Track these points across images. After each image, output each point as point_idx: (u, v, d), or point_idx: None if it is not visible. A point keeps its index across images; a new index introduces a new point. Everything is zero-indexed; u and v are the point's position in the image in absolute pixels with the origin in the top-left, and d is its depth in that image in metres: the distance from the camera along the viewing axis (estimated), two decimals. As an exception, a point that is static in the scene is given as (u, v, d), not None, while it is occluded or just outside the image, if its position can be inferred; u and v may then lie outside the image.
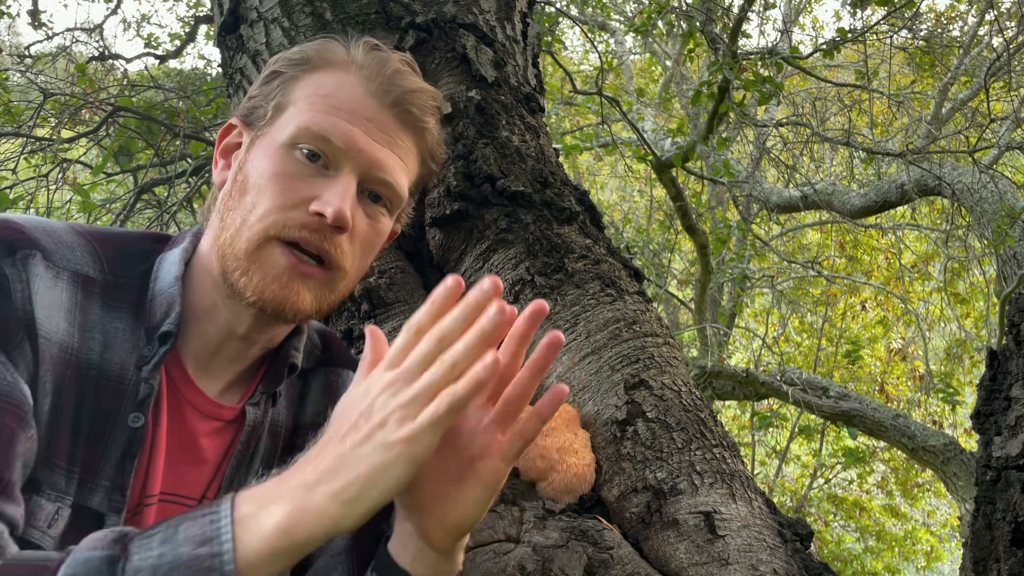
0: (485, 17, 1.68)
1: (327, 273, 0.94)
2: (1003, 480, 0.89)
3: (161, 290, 0.93)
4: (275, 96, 0.97)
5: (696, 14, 4.61)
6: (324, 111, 0.93)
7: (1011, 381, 0.94)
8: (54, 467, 0.84)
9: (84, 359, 0.87)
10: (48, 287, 0.85)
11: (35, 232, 0.86)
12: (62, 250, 0.88)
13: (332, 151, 0.92)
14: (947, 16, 7.70)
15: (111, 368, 0.88)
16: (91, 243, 0.92)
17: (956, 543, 9.16)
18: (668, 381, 1.23)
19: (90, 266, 0.90)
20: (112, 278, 0.91)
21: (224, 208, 0.95)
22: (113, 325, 0.90)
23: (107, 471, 0.87)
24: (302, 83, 0.96)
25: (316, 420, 1.09)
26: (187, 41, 5.97)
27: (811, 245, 9.03)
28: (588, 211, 1.50)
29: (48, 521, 0.83)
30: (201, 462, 0.98)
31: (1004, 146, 5.81)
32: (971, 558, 0.93)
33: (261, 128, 0.96)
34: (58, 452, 0.84)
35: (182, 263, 0.95)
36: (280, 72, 0.98)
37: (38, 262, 0.84)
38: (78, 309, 0.87)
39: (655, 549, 1.09)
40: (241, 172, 0.95)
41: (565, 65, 6.13)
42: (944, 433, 5.07)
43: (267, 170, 0.91)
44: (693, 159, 4.98)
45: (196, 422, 0.97)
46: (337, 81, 0.96)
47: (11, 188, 3.92)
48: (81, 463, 0.86)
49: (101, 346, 0.88)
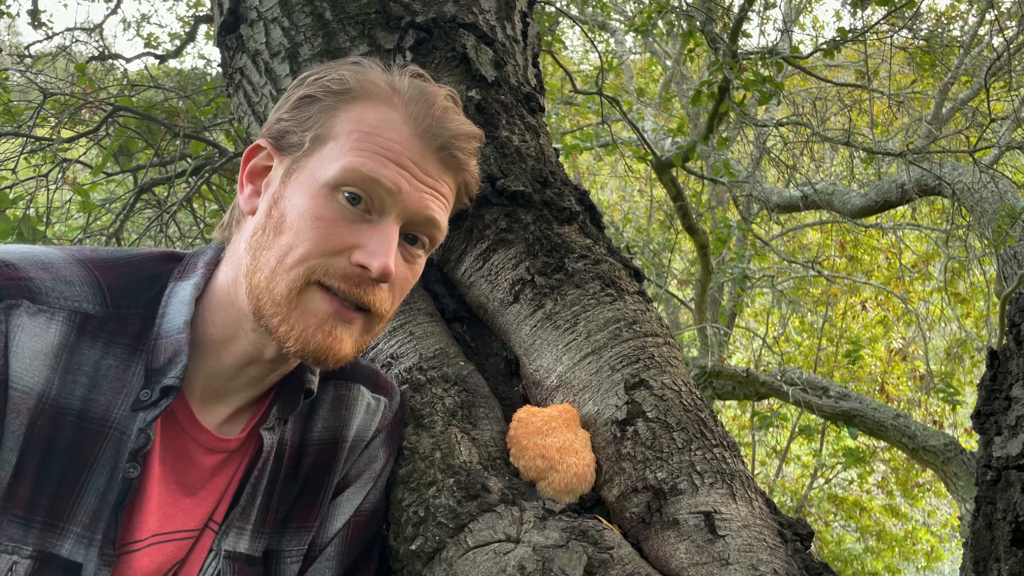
0: (485, 17, 1.68)
1: (367, 318, 0.94)
2: (1003, 480, 0.89)
3: (167, 332, 0.90)
4: (313, 126, 0.92)
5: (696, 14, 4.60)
6: (370, 151, 0.89)
7: (1011, 381, 0.94)
8: (12, 516, 0.82)
9: (63, 404, 0.84)
10: (36, 334, 0.83)
11: (30, 270, 0.84)
12: (59, 287, 0.86)
13: (378, 196, 0.89)
14: (947, 16, 7.70)
15: (94, 409, 0.86)
16: (93, 273, 0.89)
17: (956, 543, 9.17)
18: (668, 381, 1.23)
19: (89, 301, 0.87)
20: (115, 310, 0.89)
21: (256, 244, 0.91)
22: (105, 363, 0.87)
23: (80, 518, 0.85)
24: (343, 115, 0.92)
25: (324, 435, 1.08)
26: (187, 41, 5.96)
27: (811, 245, 9.03)
28: (588, 211, 1.50)
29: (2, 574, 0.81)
30: (206, 495, 0.97)
31: (1004, 146, 5.81)
32: (971, 558, 0.93)
33: (298, 159, 0.92)
34: (16, 501, 0.82)
35: (193, 303, 0.92)
36: (317, 98, 0.93)
37: (22, 312, 0.82)
38: (67, 351, 0.85)
39: (655, 549, 1.09)
40: (277, 208, 0.91)
41: (565, 65, 6.12)
42: (944, 433, 5.07)
43: (308, 211, 0.88)
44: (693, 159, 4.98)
45: (201, 458, 0.96)
46: (381, 117, 0.92)
47: (11, 188, 3.92)
48: (46, 511, 0.83)
49: (85, 388, 0.86)
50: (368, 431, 1.13)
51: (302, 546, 1.06)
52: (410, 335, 1.35)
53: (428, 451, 1.15)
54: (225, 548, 0.98)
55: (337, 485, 1.10)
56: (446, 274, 1.47)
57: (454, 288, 1.47)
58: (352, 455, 1.11)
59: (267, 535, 1.03)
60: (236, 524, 0.99)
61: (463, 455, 1.15)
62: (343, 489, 1.11)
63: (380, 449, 1.14)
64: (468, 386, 1.28)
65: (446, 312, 1.43)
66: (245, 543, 1.00)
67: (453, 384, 1.26)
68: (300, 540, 1.06)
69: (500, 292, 1.37)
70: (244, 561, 0.99)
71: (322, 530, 1.08)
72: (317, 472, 1.07)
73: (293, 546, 1.05)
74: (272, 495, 1.03)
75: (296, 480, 1.05)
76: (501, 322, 1.38)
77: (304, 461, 1.06)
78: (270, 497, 1.03)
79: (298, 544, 1.05)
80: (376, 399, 1.14)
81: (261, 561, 1.02)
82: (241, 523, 1.00)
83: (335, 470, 1.09)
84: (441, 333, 1.37)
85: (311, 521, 1.07)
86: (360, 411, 1.12)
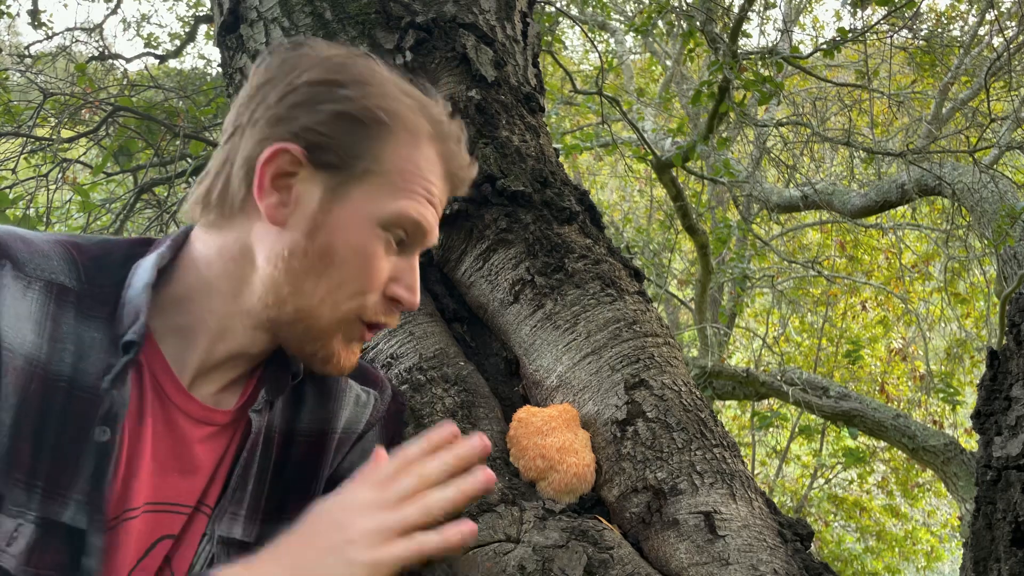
0: (485, 17, 1.68)
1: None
2: (1003, 480, 0.89)
3: (131, 298, 0.90)
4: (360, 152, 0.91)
5: (696, 14, 4.61)
6: (418, 195, 0.95)
7: (1011, 381, 0.94)
8: (15, 481, 0.82)
9: (53, 370, 0.84)
10: (16, 297, 0.83)
11: (8, 240, 0.85)
12: (36, 259, 0.86)
13: (417, 235, 0.96)
14: (947, 16, 7.71)
15: (84, 379, 0.86)
16: (69, 251, 0.90)
17: (956, 543, 9.17)
18: (668, 381, 1.23)
19: (65, 275, 0.88)
20: (88, 287, 0.89)
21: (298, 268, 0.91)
22: (89, 335, 0.87)
23: (80, 485, 0.85)
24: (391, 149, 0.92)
25: (312, 427, 1.09)
26: (187, 41, 5.97)
27: (811, 245, 9.04)
28: (588, 211, 1.50)
29: (7, 539, 0.81)
30: (195, 469, 0.97)
31: (1004, 146, 5.81)
32: (971, 558, 0.93)
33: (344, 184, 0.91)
34: (18, 465, 0.82)
35: (155, 269, 0.92)
36: (362, 122, 0.91)
37: (6, 272, 0.83)
38: (49, 319, 0.85)
39: (655, 549, 1.09)
40: (321, 234, 0.90)
41: (565, 65, 6.13)
42: (944, 433, 5.07)
43: (360, 248, 0.92)
44: (693, 159, 4.98)
45: (189, 429, 0.96)
46: (425, 156, 0.97)
47: (11, 188, 3.92)
48: (45, 476, 0.84)
49: (74, 356, 0.86)
50: (358, 423, 1.13)
51: None
52: (410, 335, 1.35)
53: (428, 451, 1.15)
54: (219, 533, 0.98)
55: (329, 478, 1.11)
56: (446, 274, 1.47)
57: (454, 288, 1.47)
58: (343, 447, 1.12)
59: (260, 523, 1.03)
60: (229, 509, 1.00)
61: (463, 455, 1.15)
62: (336, 482, 1.11)
63: (374, 443, 1.14)
64: (468, 386, 1.28)
65: (446, 312, 1.43)
66: (239, 529, 1.01)
67: (453, 384, 1.26)
68: None
69: (500, 292, 1.37)
70: (238, 547, 1.00)
71: None
72: (308, 463, 1.08)
73: None
74: (264, 482, 1.03)
75: (287, 469, 1.06)
76: (501, 322, 1.38)
77: (293, 451, 1.07)
78: (262, 484, 1.03)
79: None
80: (366, 391, 1.15)
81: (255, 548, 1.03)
82: (234, 508, 1.00)
83: (325, 461, 1.10)
84: (441, 333, 1.37)
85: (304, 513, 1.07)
86: (349, 402, 1.12)
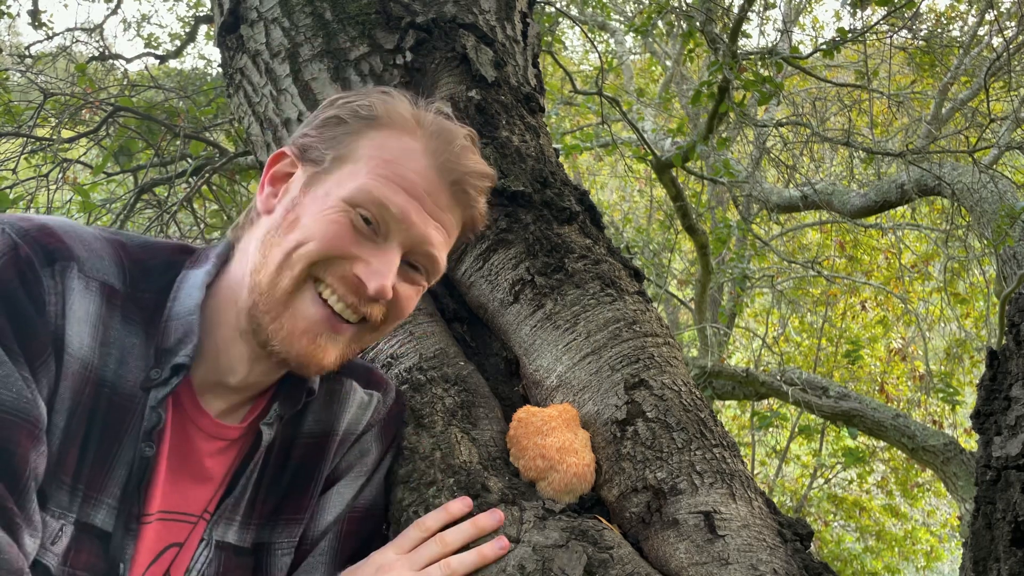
0: (485, 17, 1.68)
1: (358, 329, 0.98)
2: (1003, 480, 0.89)
3: (179, 314, 0.93)
4: (336, 145, 0.98)
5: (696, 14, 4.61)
6: (386, 178, 0.95)
7: (1011, 381, 0.94)
8: (61, 483, 0.84)
9: (100, 376, 0.87)
10: (80, 300, 0.85)
11: (70, 240, 0.87)
12: (93, 259, 0.88)
13: (386, 219, 0.94)
14: (947, 16, 7.70)
15: (124, 385, 0.89)
16: (117, 252, 0.92)
17: (956, 543, 9.16)
18: (668, 381, 1.23)
19: (115, 277, 0.90)
20: (132, 290, 0.92)
21: (268, 242, 0.95)
22: (130, 341, 0.90)
23: (112, 489, 0.88)
24: (366, 140, 0.98)
25: (314, 428, 1.10)
26: (187, 41, 5.97)
27: (811, 245, 9.03)
28: (588, 211, 1.50)
29: (52, 538, 0.84)
30: (205, 480, 0.99)
31: (1004, 146, 5.81)
32: (971, 558, 0.93)
33: (318, 173, 0.97)
34: (65, 468, 0.84)
35: (204, 288, 0.95)
36: (344, 120, 0.99)
37: (74, 275, 0.85)
38: (102, 323, 0.88)
39: (655, 549, 1.09)
40: (293, 212, 0.96)
41: (565, 65, 6.13)
42: (944, 433, 5.07)
43: (321, 217, 0.93)
44: (693, 159, 4.98)
45: (201, 443, 0.98)
46: (402, 146, 0.97)
47: (11, 188, 3.92)
48: (87, 480, 0.86)
49: (117, 363, 0.88)
50: (359, 424, 1.14)
51: (293, 538, 1.08)
52: (410, 335, 1.35)
53: (428, 451, 1.15)
54: (216, 538, 1.00)
55: (327, 478, 1.12)
56: (446, 274, 1.47)
57: (454, 288, 1.47)
58: (342, 448, 1.13)
59: (255, 527, 1.05)
60: (226, 515, 1.01)
61: (463, 455, 1.15)
62: (334, 482, 1.13)
63: (373, 443, 1.15)
64: (468, 386, 1.28)
65: (446, 312, 1.44)
66: (234, 534, 1.02)
67: (453, 384, 1.26)
68: (291, 532, 1.08)
69: (500, 292, 1.37)
70: (232, 551, 1.02)
71: (312, 523, 1.10)
72: (306, 464, 1.09)
73: (284, 538, 1.07)
74: (262, 488, 1.05)
75: (285, 472, 1.07)
76: (501, 322, 1.38)
77: (293, 453, 1.08)
78: (258, 489, 1.05)
79: (289, 536, 1.07)
80: (369, 394, 1.16)
81: (250, 552, 1.04)
82: (231, 514, 1.02)
83: (324, 463, 1.11)
84: (441, 333, 1.37)
85: (301, 513, 1.08)
86: (352, 405, 1.13)
